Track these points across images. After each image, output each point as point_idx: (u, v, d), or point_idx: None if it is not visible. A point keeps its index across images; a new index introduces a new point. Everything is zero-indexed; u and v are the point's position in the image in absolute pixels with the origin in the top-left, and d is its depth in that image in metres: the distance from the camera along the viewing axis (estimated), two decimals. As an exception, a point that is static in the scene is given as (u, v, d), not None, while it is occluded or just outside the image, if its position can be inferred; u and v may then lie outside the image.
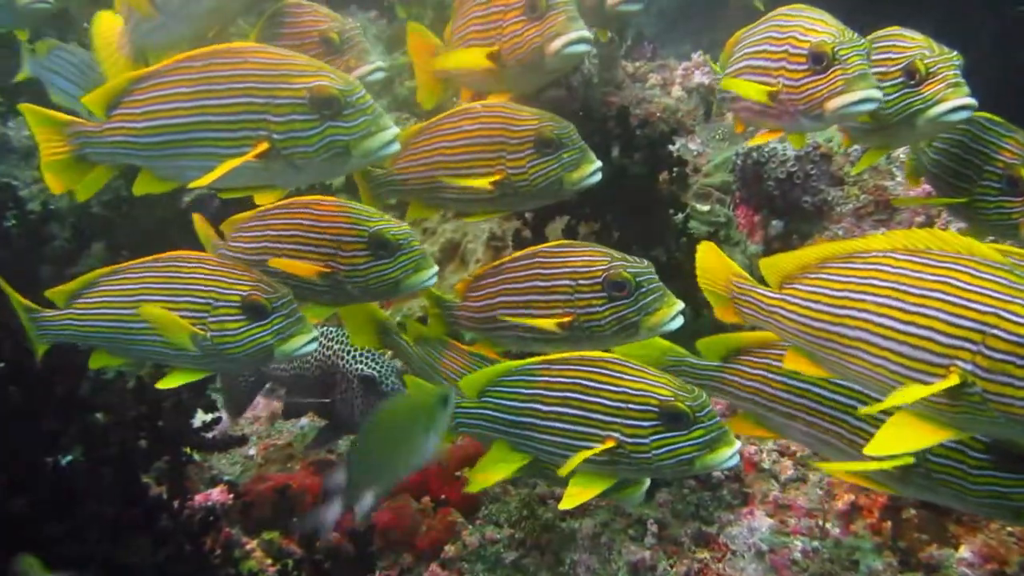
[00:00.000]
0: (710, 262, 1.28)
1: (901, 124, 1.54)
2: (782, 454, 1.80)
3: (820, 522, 1.66)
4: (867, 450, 0.97)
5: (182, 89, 1.29)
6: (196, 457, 1.86)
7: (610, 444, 1.20)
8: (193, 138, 1.30)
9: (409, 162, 1.67)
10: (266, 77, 1.26)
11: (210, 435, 1.73)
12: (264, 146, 1.25)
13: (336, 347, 1.89)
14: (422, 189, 1.68)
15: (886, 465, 1.10)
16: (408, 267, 1.41)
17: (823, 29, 1.49)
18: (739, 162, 2.40)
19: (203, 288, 1.31)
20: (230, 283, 1.31)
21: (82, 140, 1.36)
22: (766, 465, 1.79)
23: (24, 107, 1.38)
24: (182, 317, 1.30)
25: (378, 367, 1.86)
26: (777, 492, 1.74)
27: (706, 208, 2.27)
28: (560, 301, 1.47)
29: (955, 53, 1.52)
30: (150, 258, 1.40)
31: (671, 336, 1.44)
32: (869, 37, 1.59)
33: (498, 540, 1.84)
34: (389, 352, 2.01)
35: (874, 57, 1.55)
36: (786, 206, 2.32)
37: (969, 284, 0.93)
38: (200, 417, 1.75)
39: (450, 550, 1.83)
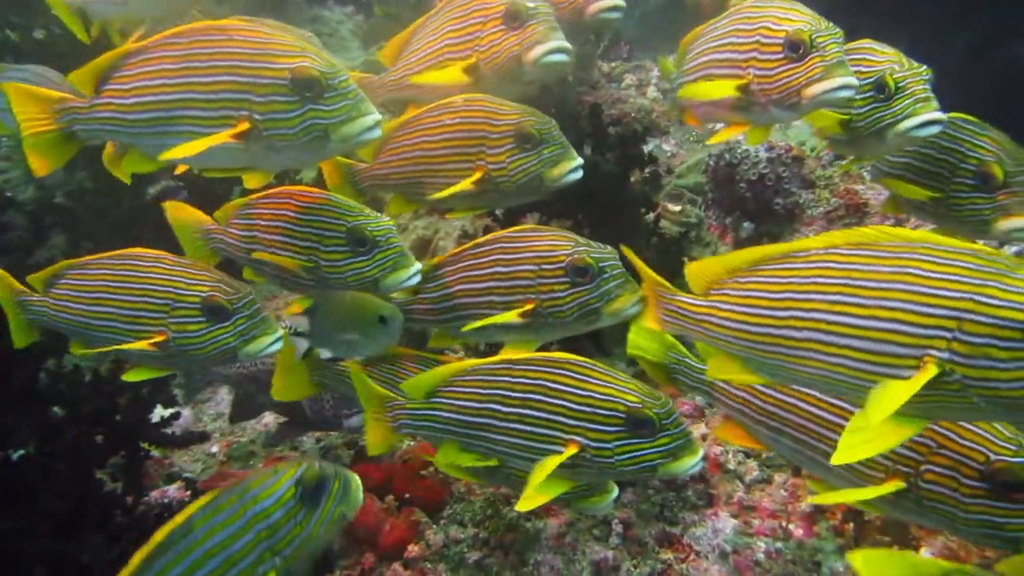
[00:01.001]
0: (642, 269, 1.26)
1: (871, 137, 1.56)
2: (747, 455, 1.80)
3: (784, 523, 1.66)
4: (834, 459, 0.94)
5: (167, 66, 1.29)
6: (155, 453, 1.83)
7: (574, 450, 1.18)
8: (177, 115, 1.29)
9: (391, 156, 1.66)
10: (250, 56, 1.25)
11: (170, 431, 1.70)
12: (245, 126, 1.24)
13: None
14: (404, 184, 1.66)
15: (879, 492, 1.07)
16: (386, 265, 1.39)
17: (797, 18, 1.49)
18: (711, 163, 2.40)
19: (161, 288, 1.30)
20: (188, 284, 1.30)
21: (71, 116, 1.34)
22: (731, 466, 1.79)
23: (7, 85, 1.37)
24: (142, 317, 1.29)
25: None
26: (742, 493, 1.74)
27: (678, 208, 2.27)
28: (522, 287, 1.46)
29: (925, 68, 1.53)
30: (107, 255, 1.38)
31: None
32: None
33: (462, 540, 1.82)
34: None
35: None
36: (758, 208, 2.32)
37: (933, 272, 0.91)
38: (159, 412, 1.72)
39: (414, 550, 1.81)
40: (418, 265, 1.42)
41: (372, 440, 1.36)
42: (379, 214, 1.43)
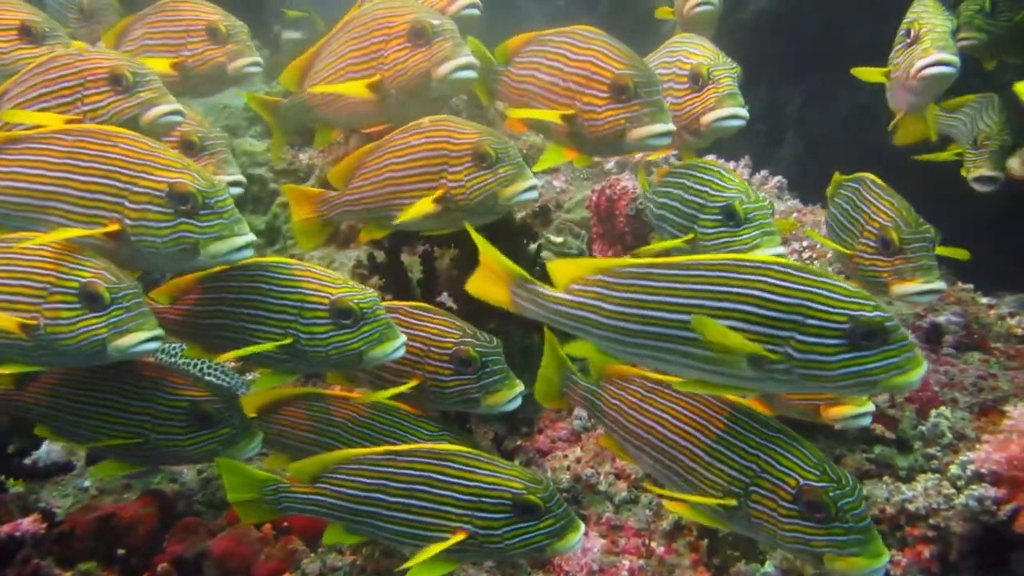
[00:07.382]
0: None
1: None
2: (618, 476, 1.86)
3: (647, 541, 1.72)
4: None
5: (48, 159, 1.35)
6: (16, 488, 1.76)
7: (461, 536, 1.25)
8: (49, 207, 1.33)
9: (362, 181, 1.67)
10: (130, 164, 1.30)
11: (29, 461, 1.64)
12: (114, 227, 1.29)
13: (180, 363, 1.85)
14: (374, 208, 1.67)
15: (713, 502, 1.21)
16: (372, 338, 1.38)
17: (701, 53, 1.67)
18: (594, 199, 2.51)
19: (41, 272, 1.27)
20: (71, 268, 1.27)
21: None
22: (602, 487, 1.85)
23: None
24: (16, 302, 1.26)
25: (228, 380, 1.83)
26: (611, 513, 1.80)
27: (560, 240, 2.36)
28: (410, 361, 1.52)
29: (768, 202, 1.67)
30: None
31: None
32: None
33: (339, 567, 1.82)
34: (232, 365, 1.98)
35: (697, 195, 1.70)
36: (636, 242, 2.43)
37: None
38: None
39: (289, 579, 1.79)
40: (403, 338, 1.42)
41: (245, 516, 1.41)
42: (363, 286, 1.42)
